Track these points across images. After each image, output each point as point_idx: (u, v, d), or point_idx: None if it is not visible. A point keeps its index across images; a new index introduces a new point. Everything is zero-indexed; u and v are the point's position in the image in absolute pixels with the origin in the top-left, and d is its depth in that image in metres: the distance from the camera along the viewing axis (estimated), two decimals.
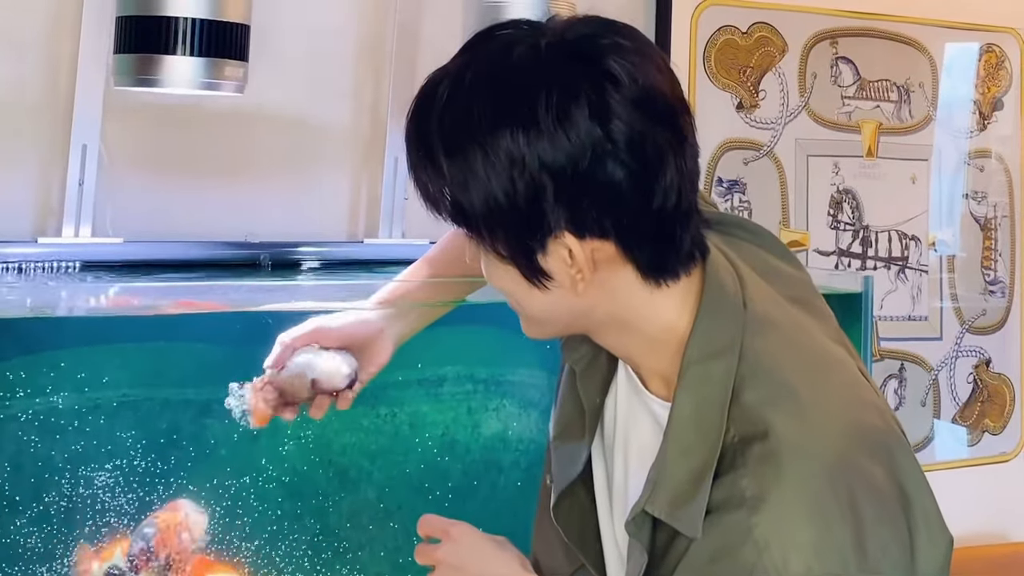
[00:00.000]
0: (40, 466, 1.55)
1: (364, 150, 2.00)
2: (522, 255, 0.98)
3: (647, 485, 0.99)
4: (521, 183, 0.93)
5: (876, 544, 0.94)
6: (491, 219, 0.96)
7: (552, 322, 1.04)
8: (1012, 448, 2.64)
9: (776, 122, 2.38)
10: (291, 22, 1.93)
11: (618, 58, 0.94)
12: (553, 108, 0.92)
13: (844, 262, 2.45)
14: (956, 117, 2.58)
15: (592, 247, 0.96)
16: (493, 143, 0.93)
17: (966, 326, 2.59)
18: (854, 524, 0.94)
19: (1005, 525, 2.61)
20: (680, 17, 2.26)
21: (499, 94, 0.94)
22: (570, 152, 0.93)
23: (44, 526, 1.55)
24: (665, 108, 0.96)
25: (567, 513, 1.15)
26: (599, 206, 0.94)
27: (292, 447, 1.70)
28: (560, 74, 0.94)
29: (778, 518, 0.92)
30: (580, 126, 0.92)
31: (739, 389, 0.98)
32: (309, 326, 1.30)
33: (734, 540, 0.93)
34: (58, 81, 1.76)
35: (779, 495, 0.93)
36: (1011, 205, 2.64)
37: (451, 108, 0.96)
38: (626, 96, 0.93)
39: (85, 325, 1.62)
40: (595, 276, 0.98)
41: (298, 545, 1.70)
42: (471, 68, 0.97)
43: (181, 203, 1.86)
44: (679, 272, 1.00)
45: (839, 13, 2.43)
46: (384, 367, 1.32)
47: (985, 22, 2.59)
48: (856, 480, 0.96)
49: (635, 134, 0.93)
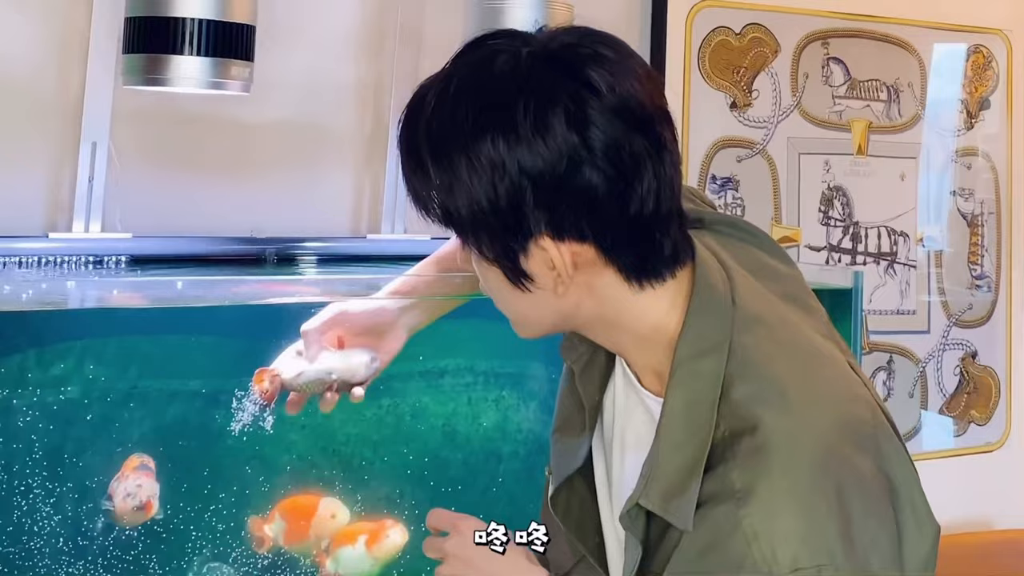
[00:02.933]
0: (54, 454, 1.55)
1: (367, 149, 2.00)
2: (505, 257, 0.98)
3: (640, 479, 1.00)
4: (502, 188, 0.94)
5: (863, 535, 0.94)
6: (475, 222, 0.97)
7: (539, 322, 1.05)
8: (997, 438, 2.64)
9: (769, 121, 2.38)
10: (296, 23, 1.92)
11: (597, 67, 0.95)
12: (531, 115, 0.93)
13: (835, 258, 2.45)
14: (944, 116, 2.58)
15: (572, 250, 0.97)
16: (476, 149, 0.94)
17: (953, 320, 2.59)
18: (841, 515, 0.94)
19: (990, 513, 2.61)
20: (675, 18, 2.26)
21: (481, 102, 0.95)
22: (548, 158, 0.93)
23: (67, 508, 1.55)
24: (643, 116, 0.96)
25: (565, 505, 1.15)
26: (577, 210, 0.95)
27: (298, 437, 1.70)
28: (539, 83, 0.94)
29: (767, 510, 0.93)
30: (558, 133, 0.93)
31: (728, 385, 0.98)
32: (330, 312, 1.31)
33: (724, 532, 0.93)
34: (68, 81, 1.76)
35: (768, 488, 0.93)
36: (997, 202, 2.64)
37: (437, 116, 0.96)
38: (604, 105, 0.94)
39: (95, 317, 1.62)
40: (577, 278, 0.99)
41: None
42: (456, 77, 0.97)
43: (188, 199, 1.86)
44: (663, 274, 1.00)
45: (830, 15, 2.43)
46: (397, 354, 1.34)
47: (972, 24, 2.60)
48: (844, 472, 0.96)
49: (612, 141, 0.94)
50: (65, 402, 1.57)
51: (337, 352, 1.30)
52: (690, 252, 1.03)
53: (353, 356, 1.30)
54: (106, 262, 1.70)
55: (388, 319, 1.32)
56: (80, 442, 1.57)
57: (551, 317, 1.03)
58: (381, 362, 1.32)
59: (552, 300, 1.00)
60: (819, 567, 0.91)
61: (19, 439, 1.53)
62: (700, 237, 1.07)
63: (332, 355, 1.30)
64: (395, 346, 1.33)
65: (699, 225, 1.10)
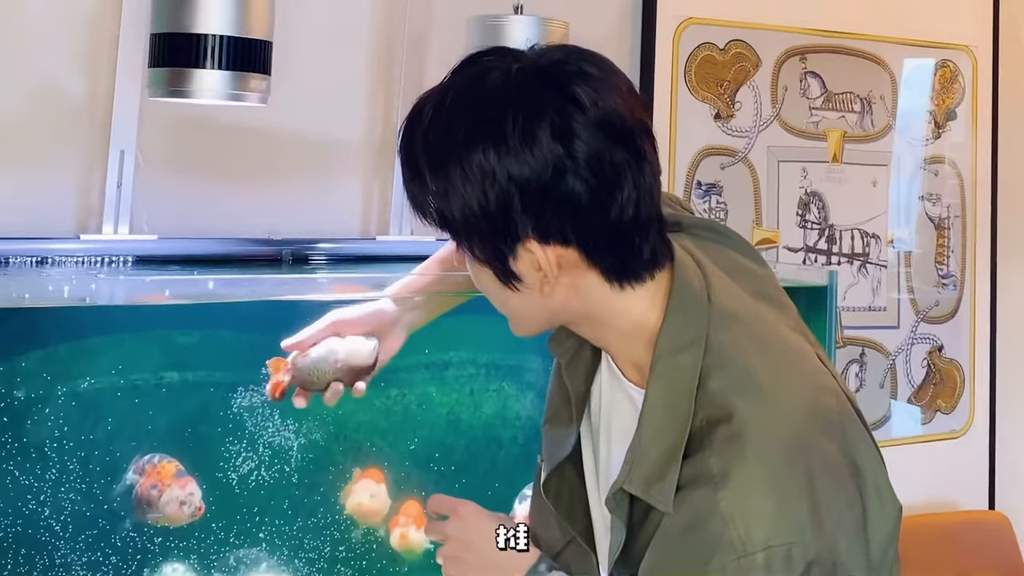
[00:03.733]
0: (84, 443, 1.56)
1: (376, 155, 2.00)
2: (495, 259, 0.99)
3: (624, 466, 1.00)
4: (492, 194, 0.95)
5: (831, 514, 0.95)
6: (468, 226, 0.98)
7: (530, 319, 1.05)
8: (961, 426, 2.64)
9: (750, 131, 2.38)
10: (310, 38, 1.92)
11: (582, 84, 0.95)
12: (520, 128, 0.94)
13: (811, 258, 2.45)
14: (913, 126, 2.58)
15: (557, 253, 0.98)
16: (469, 159, 0.95)
17: (921, 316, 2.60)
18: (811, 497, 0.95)
19: (955, 495, 2.62)
20: (663, 35, 2.26)
21: (474, 115, 0.96)
22: (535, 168, 0.94)
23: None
24: (624, 130, 0.96)
25: (556, 490, 1.16)
26: (562, 216, 0.96)
27: (312, 425, 1.71)
28: (528, 98, 0.95)
29: (741, 493, 0.93)
30: (544, 144, 0.94)
31: (705, 378, 0.99)
32: (330, 318, 1.31)
33: (702, 513, 0.94)
34: (98, 93, 1.76)
35: (742, 472, 0.94)
36: (963, 206, 2.64)
37: (434, 127, 0.97)
38: (588, 118, 0.95)
39: (123, 314, 1.63)
40: (562, 279, 0.99)
41: (316, 510, 1.72)
42: (452, 91, 0.98)
43: (210, 203, 1.85)
44: (643, 275, 1.01)
45: (808, 32, 2.43)
46: (396, 353, 1.34)
47: (940, 40, 2.59)
48: (813, 457, 0.97)
49: (595, 153, 0.95)
50: (93, 393, 1.57)
51: (340, 339, 1.29)
52: (669, 254, 1.03)
53: (354, 340, 1.29)
54: (115, 262, 1.70)
55: (387, 320, 1.32)
56: (107, 434, 1.58)
57: (541, 314, 1.04)
58: (382, 360, 1.31)
59: (539, 299, 1.01)
60: (790, 544, 0.92)
61: (56, 431, 1.54)
62: (679, 240, 1.07)
63: (336, 341, 1.29)
64: (395, 345, 1.33)
65: (678, 228, 1.11)
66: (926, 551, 2.36)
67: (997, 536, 2.54)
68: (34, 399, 1.52)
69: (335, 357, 1.28)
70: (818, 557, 0.93)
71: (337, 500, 1.73)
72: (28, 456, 1.51)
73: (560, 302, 1.01)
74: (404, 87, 1.96)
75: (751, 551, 0.92)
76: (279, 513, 1.67)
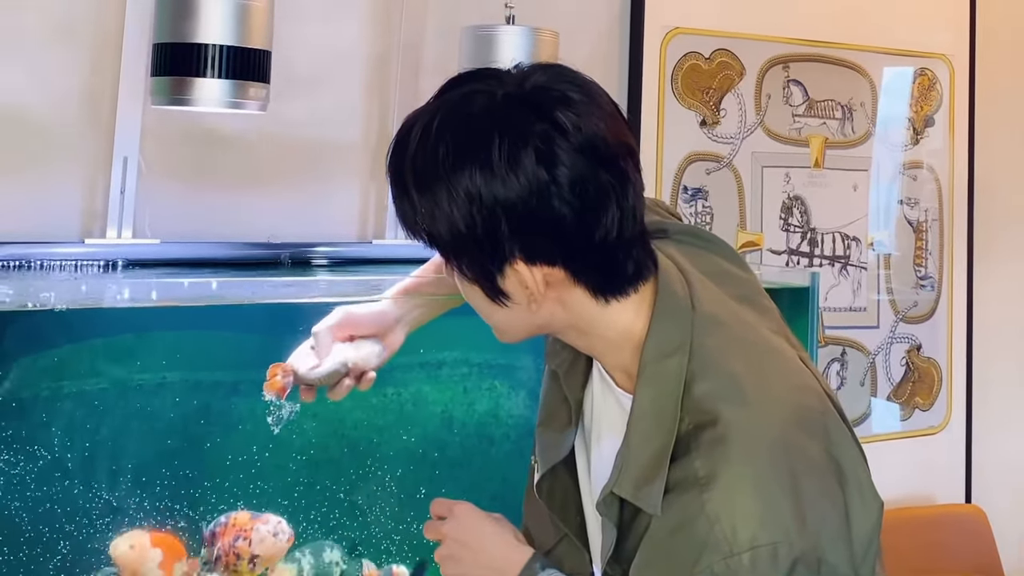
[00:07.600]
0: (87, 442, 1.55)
1: (372, 161, 1.99)
2: (483, 277, 0.98)
3: (614, 469, 1.00)
4: (479, 217, 0.94)
5: (815, 513, 0.95)
6: (456, 246, 0.97)
7: (516, 330, 1.05)
8: (939, 422, 2.65)
9: (735, 137, 2.38)
10: (308, 48, 1.92)
11: (565, 109, 0.94)
12: (505, 153, 0.93)
13: (794, 260, 2.45)
14: (892, 133, 2.58)
15: (543, 272, 0.97)
16: (455, 182, 0.94)
17: (900, 316, 2.60)
18: (795, 497, 0.94)
19: (933, 489, 2.62)
20: (651, 44, 2.26)
21: (460, 139, 0.95)
22: (520, 192, 0.93)
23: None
24: (607, 154, 0.95)
25: (550, 490, 1.15)
26: (547, 238, 0.95)
27: (310, 423, 1.70)
28: (512, 123, 0.94)
29: (727, 494, 0.93)
30: (528, 169, 0.93)
31: (691, 382, 0.98)
32: (339, 315, 1.30)
33: (689, 515, 0.93)
34: (102, 101, 1.76)
35: (728, 474, 0.94)
36: (940, 210, 2.64)
37: (421, 150, 0.96)
38: (571, 143, 0.94)
39: (128, 316, 1.62)
40: (549, 295, 0.99)
41: (314, 505, 1.71)
42: (439, 113, 0.97)
43: (211, 208, 1.85)
44: (627, 289, 1.01)
45: (791, 41, 2.43)
46: (396, 351, 1.33)
47: (919, 49, 2.59)
48: (796, 458, 0.96)
49: (578, 177, 0.94)
50: (100, 394, 1.56)
51: (349, 344, 1.29)
52: (653, 266, 1.03)
53: (364, 347, 1.29)
54: (114, 265, 1.69)
55: (389, 319, 1.32)
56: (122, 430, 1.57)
57: (527, 327, 1.04)
58: (383, 358, 1.31)
59: (527, 314, 1.00)
60: (775, 544, 0.92)
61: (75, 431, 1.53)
62: (663, 247, 1.07)
63: (345, 347, 1.29)
64: (396, 344, 1.32)
65: (662, 235, 1.10)
66: (905, 543, 2.36)
67: (973, 528, 2.55)
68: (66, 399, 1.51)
69: (347, 365, 1.28)
70: (803, 555, 0.92)
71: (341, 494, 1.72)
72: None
73: (547, 315, 1.01)
74: (399, 94, 1.96)
75: (737, 551, 0.91)
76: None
